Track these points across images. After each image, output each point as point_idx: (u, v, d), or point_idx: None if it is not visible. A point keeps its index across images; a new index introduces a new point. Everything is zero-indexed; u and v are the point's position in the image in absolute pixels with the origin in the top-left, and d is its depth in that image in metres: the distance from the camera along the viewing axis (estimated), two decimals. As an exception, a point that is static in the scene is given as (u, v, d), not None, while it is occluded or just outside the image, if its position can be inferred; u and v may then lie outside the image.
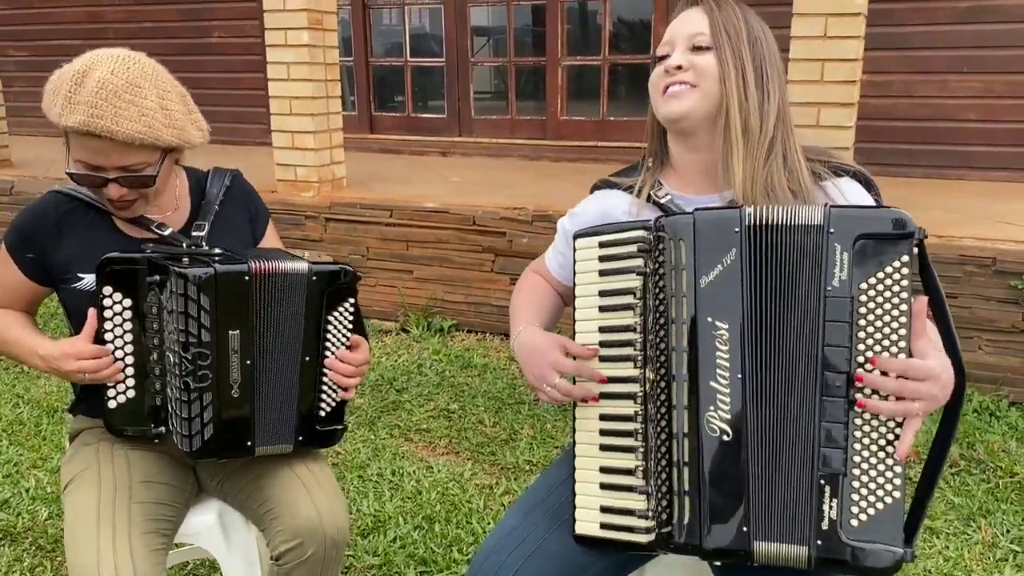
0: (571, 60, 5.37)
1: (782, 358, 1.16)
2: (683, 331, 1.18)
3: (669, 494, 1.20)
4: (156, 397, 1.50)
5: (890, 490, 1.11)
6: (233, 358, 1.45)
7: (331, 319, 1.55)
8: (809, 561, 1.14)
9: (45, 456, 2.86)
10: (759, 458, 1.16)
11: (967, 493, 2.56)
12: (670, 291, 1.20)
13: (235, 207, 1.70)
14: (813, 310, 1.14)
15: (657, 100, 1.38)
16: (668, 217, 1.23)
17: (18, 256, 1.57)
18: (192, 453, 1.46)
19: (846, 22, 3.11)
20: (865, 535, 1.12)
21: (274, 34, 4.04)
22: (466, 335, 3.98)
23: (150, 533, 1.45)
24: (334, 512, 1.52)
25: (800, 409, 1.15)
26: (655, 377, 1.21)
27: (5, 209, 4.82)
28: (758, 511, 1.16)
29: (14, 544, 2.37)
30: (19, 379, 3.52)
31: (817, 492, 1.13)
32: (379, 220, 4.04)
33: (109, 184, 1.47)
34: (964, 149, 4.43)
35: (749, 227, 1.17)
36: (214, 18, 6.07)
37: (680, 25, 1.37)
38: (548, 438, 2.97)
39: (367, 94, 5.93)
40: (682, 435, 1.19)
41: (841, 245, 1.12)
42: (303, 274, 1.50)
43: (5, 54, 5.97)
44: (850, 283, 1.11)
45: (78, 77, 1.40)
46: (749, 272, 1.16)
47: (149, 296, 1.46)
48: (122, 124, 1.39)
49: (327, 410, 1.58)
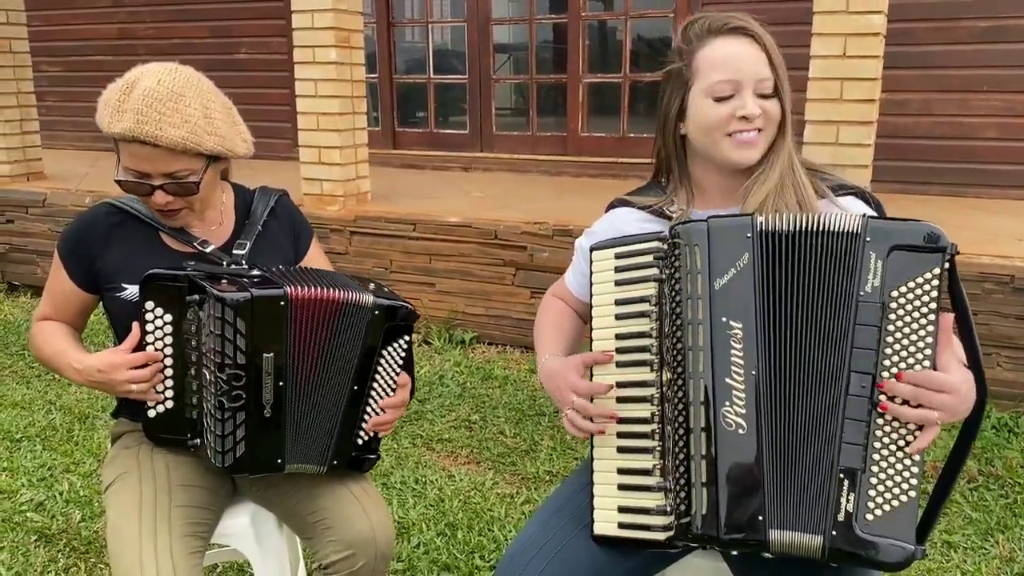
0: (591, 77, 5.44)
1: (802, 356, 1.21)
2: (699, 331, 1.23)
3: (687, 486, 1.24)
4: (194, 411, 1.54)
5: (906, 489, 1.16)
6: (267, 380, 1.48)
7: (385, 353, 1.59)
8: (823, 551, 1.18)
9: (78, 461, 2.93)
10: (775, 450, 1.21)
11: (985, 508, 2.57)
12: (686, 294, 1.25)
13: (279, 226, 1.75)
14: (842, 312, 1.19)
15: (721, 142, 1.38)
16: (683, 224, 1.28)
17: (68, 262, 1.64)
18: (224, 469, 1.51)
19: (865, 42, 3.15)
20: (879, 530, 1.16)
21: (302, 51, 4.13)
22: (487, 347, 4.04)
23: (189, 536, 1.51)
24: (385, 526, 1.58)
25: (821, 405, 1.20)
26: (672, 376, 1.26)
27: (38, 220, 4.93)
28: (774, 501, 1.20)
29: (49, 545, 2.44)
30: (51, 386, 3.60)
31: (836, 485, 1.18)
32: (403, 234, 4.11)
33: (155, 191, 1.53)
34: (983, 167, 4.45)
35: (761, 232, 1.23)
36: (242, 35, 6.20)
37: (743, 65, 1.35)
38: (568, 449, 3.01)
39: (391, 110, 6.02)
40: (699, 430, 1.23)
41: (876, 253, 1.17)
42: (366, 307, 1.54)
43: (38, 69, 6.11)
44: (882, 290, 1.17)
45: (127, 88, 1.48)
46: (762, 274, 1.22)
47: (189, 313, 1.50)
48: (165, 130, 1.46)
49: (364, 439, 1.63)
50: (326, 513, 1.58)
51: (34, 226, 4.94)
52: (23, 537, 2.46)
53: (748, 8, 4.79)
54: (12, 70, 5.07)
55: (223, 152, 1.56)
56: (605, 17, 5.52)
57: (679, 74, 1.40)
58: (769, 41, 1.36)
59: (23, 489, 2.72)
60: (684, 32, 1.41)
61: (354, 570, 1.54)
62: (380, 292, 1.60)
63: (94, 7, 6.72)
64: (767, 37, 1.36)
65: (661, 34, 5.29)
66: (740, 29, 1.36)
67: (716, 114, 1.36)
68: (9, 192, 5.01)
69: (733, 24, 1.36)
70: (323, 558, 1.56)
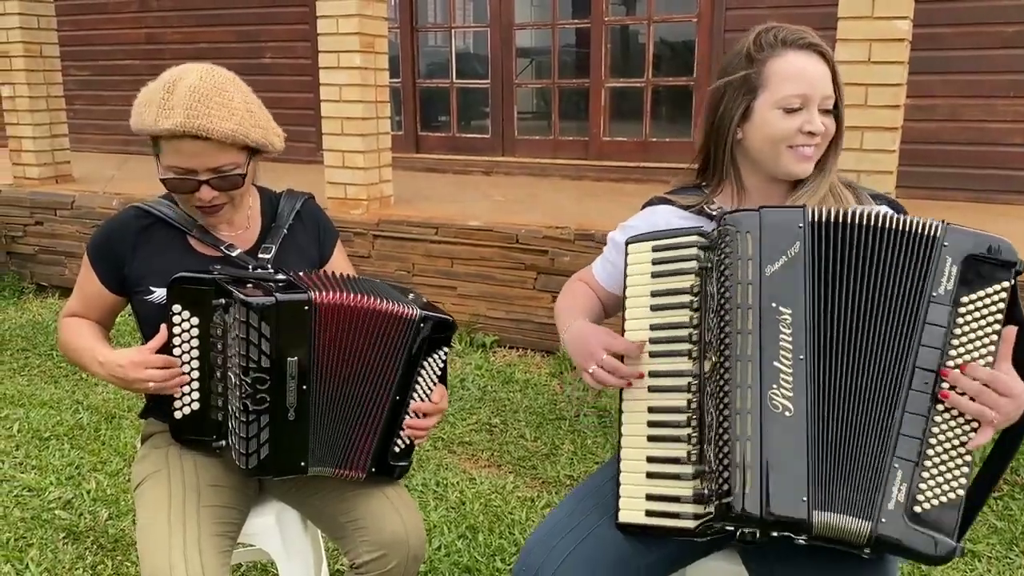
0: (614, 82, 5.44)
1: (856, 346, 1.24)
2: (747, 315, 1.26)
3: (730, 468, 1.24)
4: (219, 413, 1.57)
5: (955, 487, 1.19)
6: (290, 383, 1.50)
7: (426, 364, 1.62)
8: (869, 537, 1.20)
9: (105, 460, 2.98)
10: (824, 434, 1.23)
11: (1010, 518, 2.55)
12: (735, 279, 1.27)
13: (304, 229, 1.78)
14: (908, 309, 1.23)
15: (783, 153, 1.42)
16: (733, 213, 1.32)
17: (97, 264, 1.67)
18: (249, 471, 1.53)
19: (890, 47, 3.13)
20: (926, 523, 1.19)
21: (327, 56, 4.17)
22: (508, 351, 4.05)
23: (218, 535, 1.53)
24: (417, 528, 1.60)
25: (878, 395, 1.23)
26: (718, 360, 1.28)
27: (66, 223, 5.01)
28: (820, 483, 1.22)
29: (76, 543, 2.47)
30: (79, 386, 3.66)
31: (889, 475, 1.21)
32: (425, 237, 4.14)
33: (201, 187, 1.55)
34: (1010, 173, 4.40)
35: (813, 223, 1.27)
36: (268, 40, 6.27)
37: (815, 81, 1.40)
38: (589, 454, 3.02)
39: (413, 114, 6.06)
40: (745, 412, 1.24)
41: (952, 258, 1.23)
42: (413, 320, 1.57)
43: (67, 73, 6.21)
44: (954, 294, 1.22)
45: (169, 86, 1.50)
46: (813, 264, 1.26)
47: (215, 316, 1.52)
48: (216, 123, 1.48)
49: (401, 447, 1.65)
50: (358, 513, 1.60)
51: (62, 228, 5.02)
52: (51, 534, 2.50)
53: (774, 13, 4.77)
54: (42, 74, 5.16)
55: (266, 144, 1.59)
56: (628, 21, 5.52)
57: (746, 80, 1.43)
58: (834, 60, 1.42)
59: (51, 487, 2.77)
60: (756, 40, 1.44)
61: (386, 570, 1.56)
62: (421, 303, 1.62)
63: (122, 13, 6.83)
64: (832, 56, 1.42)
65: (684, 38, 5.28)
66: (814, 46, 1.41)
67: (784, 126, 1.40)
68: (38, 194, 5.10)
69: (808, 40, 1.41)
70: (355, 558, 1.58)
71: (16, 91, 5.10)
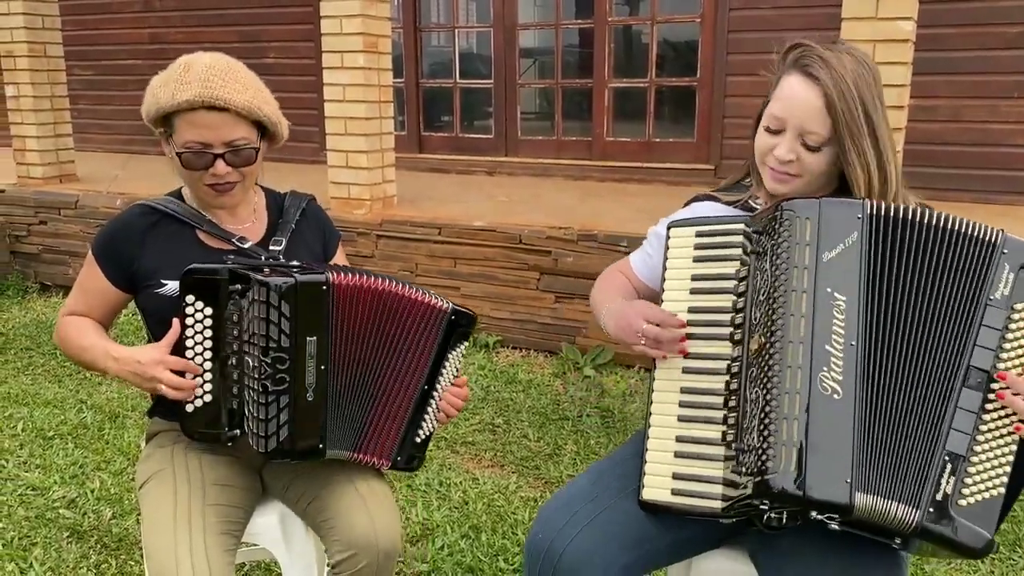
0: (617, 82, 5.44)
1: (908, 338, 1.27)
2: (802, 299, 1.28)
3: (775, 445, 1.23)
4: (232, 401, 1.57)
5: (998, 484, 1.24)
6: (309, 363, 1.52)
7: (450, 356, 1.66)
8: (914, 525, 1.23)
9: (108, 459, 2.98)
10: (873, 420, 1.25)
11: (1013, 519, 2.55)
12: (792, 262, 1.29)
13: (309, 228, 1.80)
14: (965, 310, 1.28)
15: (764, 168, 1.46)
16: (792, 200, 1.34)
17: (102, 261, 1.68)
18: (268, 453, 1.53)
19: (894, 48, 3.13)
20: (969, 516, 1.23)
21: (331, 57, 4.18)
22: (511, 351, 4.05)
23: (223, 534, 1.53)
24: (389, 527, 1.59)
25: (928, 388, 1.26)
26: (765, 342, 1.28)
27: (70, 222, 5.02)
28: (865, 467, 1.24)
29: (80, 541, 2.48)
30: (82, 385, 3.67)
31: (939, 466, 1.24)
32: (428, 238, 4.14)
33: (216, 161, 1.58)
34: (1013, 174, 4.40)
35: (871, 215, 1.29)
36: (271, 40, 6.28)
37: (794, 110, 1.38)
38: (592, 454, 3.02)
39: (416, 114, 6.06)
40: (794, 392, 1.25)
41: (1010, 266, 1.28)
42: (444, 311, 1.62)
43: (71, 73, 6.23)
44: (1010, 299, 1.27)
45: (184, 67, 1.56)
46: (870, 255, 1.28)
47: (229, 304, 1.54)
48: (232, 94, 1.55)
49: (423, 436, 1.67)
50: (329, 512, 1.61)
51: (66, 227, 5.03)
52: (55, 533, 2.51)
53: (779, 14, 4.76)
54: (47, 74, 5.17)
55: (276, 124, 1.64)
56: (631, 22, 5.52)
57: (771, 86, 1.47)
58: (839, 96, 1.34)
59: (55, 486, 2.78)
60: (785, 53, 1.44)
61: (357, 570, 1.55)
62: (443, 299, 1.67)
63: (125, 12, 6.83)
64: (839, 92, 1.34)
65: (688, 38, 5.28)
66: (812, 75, 1.36)
67: (762, 143, 1.45)
68: (42, 194, 5.11)
69: (810, 68, 1.36)
70: (331, 557, 1.59)
71: (20, 91, 5.11)
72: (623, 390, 3.55)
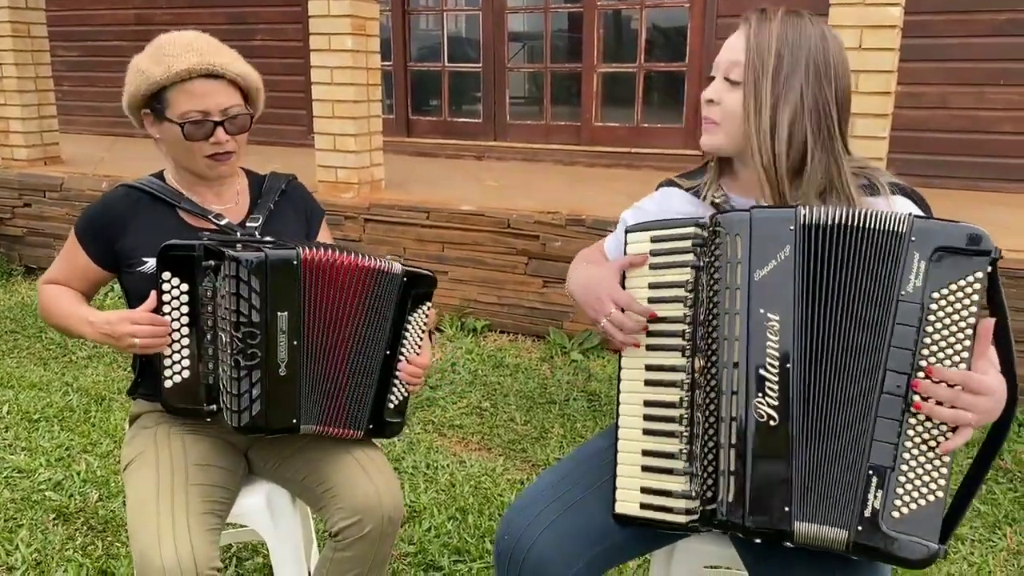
0: (606, 67, 5.43)
1: (837, 352, 1.21)
2: (735, 321, 1.24)
3: (715, 474, 1.25)
4: (209, 376, 1.58)
5: (934, 489, 1.16)
6: (281, 338, 1.53)
7: (411, 319, 1.67)
8: (847, 545, 1.20)
9: (95, 441, 2.97)
10: (806, 443, 1.21)
11: (993, 501, 2.58)
12: (724, 283, 1.26)
13: (290, 206, 1.81)
14: (881, 310, 1.19)
15: None
16: (725, 214, 1.29)
17: (85, 240, 1.69)
18: (241, 428, 1.54)
19: (881, 34, 3.14)
20: (904, 528, 1.17)
21: (318, 39, 4.15)
22: (498, 335, 4.06)
23: (206, 513, 1.54)
24: (391, 490, 1.62)
25: (853, 401, 1.20)
26: (706, 364, 1.27)
27: (55, 204, 4.98)
28: (801, 493, 1.21)
29: (67, 524, 2.48)
30: (68, 368, 3.65)
31: (864, 481, 1.18)
32: (416, 222, 4.13)
33: (216, 129, 1.60)
34: (1000, 161, 4.43)
35: (804, 226, 1.22)
36: (258, 22, 6.22)
37: (726, 48, 1.39)
38: (578, 437, 3.03)
39: (405, 98, 6.04)
40: (730, 419, 1.24)
41: (920, 253, 1.17)
42: (396, 275, 1.62)
43: (55, 54, 6.15)
44: (923, 291, 1.17)
45: (171, 41, 1.59)
46: (802, 268, 1.22)
47: (205, 281, 1.55)
48: (226, 61, 1.59)
49: (395, 403, 1.69)
50: (332, 481, 1.62)
51: (51, 210, 4.99)
52: (42, 516, 2.51)
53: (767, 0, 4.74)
54: (31, 55, 5.11)
55: (260, 92, 1.69)
56: (621, 6, 5.50)
57: None
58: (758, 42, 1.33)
59: (41, 469, 2.77)
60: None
61: (362, 535, 1.58)
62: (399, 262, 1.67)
63: (111, -8, 6.76)
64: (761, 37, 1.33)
65: (677, 24, 5.27)
66: (747, 22, 1.38)
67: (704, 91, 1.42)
68: (27, 176, 5.06)
69: (750, 18, 1.38)
70: (332, 526, 1.60)
71: (4, 72, 5.05)
72: (610, 374, 3.56)
